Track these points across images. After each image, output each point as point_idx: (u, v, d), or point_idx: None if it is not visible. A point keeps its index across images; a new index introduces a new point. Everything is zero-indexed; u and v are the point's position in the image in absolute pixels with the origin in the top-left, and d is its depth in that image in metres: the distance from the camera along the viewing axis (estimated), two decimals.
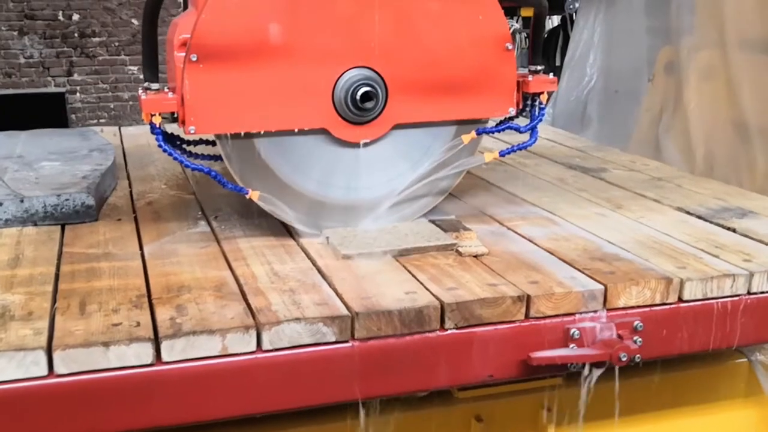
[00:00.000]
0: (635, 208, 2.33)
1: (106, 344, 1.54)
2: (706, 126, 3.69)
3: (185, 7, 2.51)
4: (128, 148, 3.25)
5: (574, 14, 4.92)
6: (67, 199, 2.28)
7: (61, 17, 9.69)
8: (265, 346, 1.61)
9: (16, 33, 9.61)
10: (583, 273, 1.84)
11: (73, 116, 9.89)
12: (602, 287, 1.77)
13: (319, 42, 1.88)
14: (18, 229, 2.22)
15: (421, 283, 1.79)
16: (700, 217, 2.30)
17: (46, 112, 9.48)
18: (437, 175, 2.07)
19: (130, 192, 2.61)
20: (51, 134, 3.23)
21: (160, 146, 1.95)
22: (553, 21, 6.32)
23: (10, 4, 9.52)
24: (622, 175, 2.72)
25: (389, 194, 2.05)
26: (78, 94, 9.94)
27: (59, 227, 2.24)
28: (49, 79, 9.89)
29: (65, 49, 9.80)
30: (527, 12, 2.46)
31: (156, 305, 1.70)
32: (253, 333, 1.60)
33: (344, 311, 1.66)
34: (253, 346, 1.60)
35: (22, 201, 2.25)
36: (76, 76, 9.89)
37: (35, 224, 2.26)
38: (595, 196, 2.44)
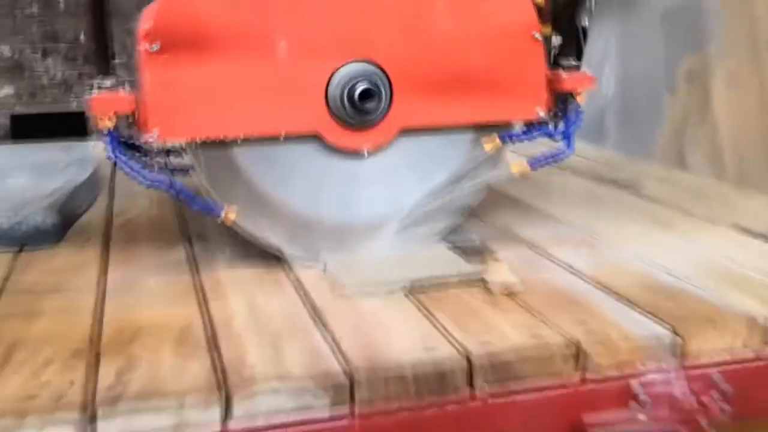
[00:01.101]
0: (685, 226, 1.87)
1: (20, 415, 1.04)
2: (735, 136, 3.20)
3: None
4: None
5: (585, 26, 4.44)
6: (22, 220, 1.80)
7: (82, 39, 9.30)
8: (236, 414, 1.11)
9: (39, 54, 9.23)
10: (645, 314, 1.34)
11: (96, 134, 9.49)
12: (672, 333, 1.26)
13: (310, 30, 1.50)
14: None
15: (442, 329, 1.31)
16: (763, 236, 1.77)
17: (69, 131, 9.09)
18: (455, 191, 1.65)
19: (110, 209, 2.15)
20: (35, 147, 2.77)
21: (109, 157, 1.48)
22: None
23: (33, 28, 9.15)
24: (659, 188, 2.25)
25: (396, 214, 1.62)
26: None
27: (13, 252, 1.78)
28: (72, 98, 9.51)
29: (87, 70, 9.42)
30: None
31: (101, 355, 1.22)
32: (220, 398, 1.10)
33: (340, 370, 1.15)
34: (217, 417, 1.10)
35: None
36: None
37: None
38: (637, 213, 1.98)
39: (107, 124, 1.45)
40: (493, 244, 1.71)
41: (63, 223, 1.90)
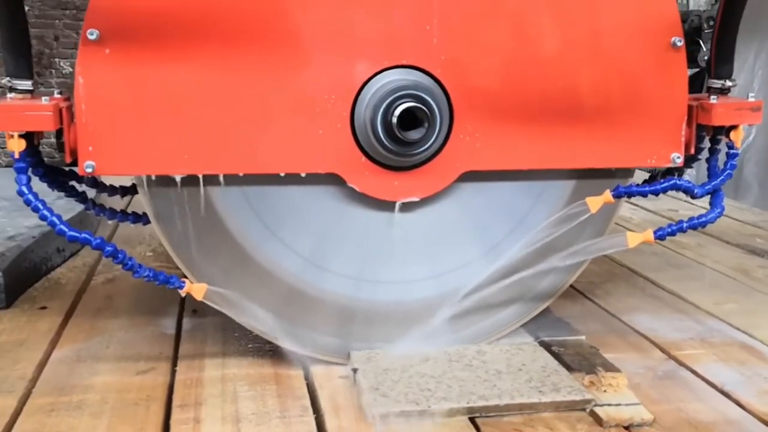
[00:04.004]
0: None
1: None
2: None
3: None
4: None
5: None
6: None
7: None
8: None
9: None
10: None
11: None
12: None
13: (330, 19, 1.14)
14: None
15: None
16: None
17: None
18: (541, 267, 1.29)
19: (95, 261, 1.83)
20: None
21: (20, 193, 1.12)
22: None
23: None
24: None
25: (447, 295, 1.28)
26: None
27: None
28: None
29: None
30: None
31: None
32: None
33: None
34: None
35: None
36: None
37: None
38: None
39: (15, 145, 1.07)
40: (607, 343, 1.34)
41: (10, 285, 1.58)
